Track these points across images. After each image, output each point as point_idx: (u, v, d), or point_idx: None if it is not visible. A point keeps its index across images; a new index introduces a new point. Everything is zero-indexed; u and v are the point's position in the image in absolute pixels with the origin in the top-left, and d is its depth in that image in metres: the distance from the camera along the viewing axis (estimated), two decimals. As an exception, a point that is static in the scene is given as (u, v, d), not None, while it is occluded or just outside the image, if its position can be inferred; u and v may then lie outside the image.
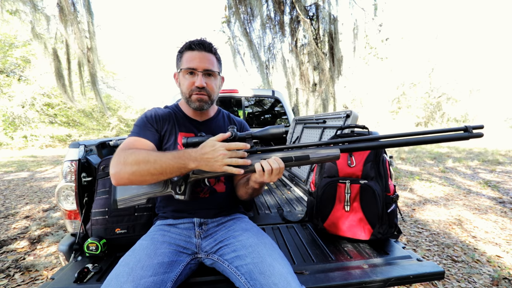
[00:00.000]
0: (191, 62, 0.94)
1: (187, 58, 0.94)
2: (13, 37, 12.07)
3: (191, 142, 0.83)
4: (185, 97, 0.99)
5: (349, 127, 1.42)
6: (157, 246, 0.82)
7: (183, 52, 0.96)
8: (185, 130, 1.03)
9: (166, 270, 0.76)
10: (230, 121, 1.16)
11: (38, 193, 4.21)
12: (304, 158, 0.77)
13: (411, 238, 2.37)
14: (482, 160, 6.36)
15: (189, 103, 0.99)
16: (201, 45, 0.95)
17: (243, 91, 3.23)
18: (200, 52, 0.94)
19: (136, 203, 0.88)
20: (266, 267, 0.74)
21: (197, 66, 0.93)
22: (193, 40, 0.96)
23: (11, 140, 12.11)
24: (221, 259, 0.85)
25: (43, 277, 1.82)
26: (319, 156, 0.77)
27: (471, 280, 1.72)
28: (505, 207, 3.08)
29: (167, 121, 1.01)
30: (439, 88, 20.41)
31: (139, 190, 0.88)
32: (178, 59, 0.99)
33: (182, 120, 1.04)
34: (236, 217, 1.05)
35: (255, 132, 0.82)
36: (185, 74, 0.95)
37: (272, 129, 0.80)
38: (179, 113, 1.06)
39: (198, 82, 0.94)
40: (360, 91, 18.89)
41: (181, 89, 0.99)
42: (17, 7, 4.01)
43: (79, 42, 4.17)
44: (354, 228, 1.17)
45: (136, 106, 20.22)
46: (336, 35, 4.82)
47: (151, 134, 0.95)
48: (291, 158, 0.77)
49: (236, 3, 4.73)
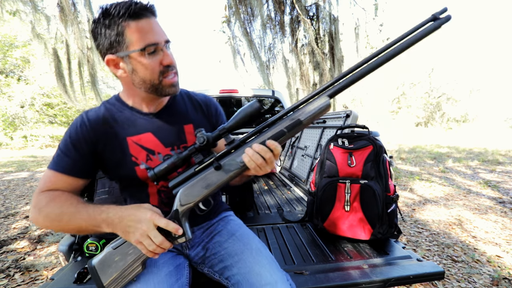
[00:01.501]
0: (148, 36, 0.66)
1: (138, 31, 0.66)
2: (13, 38, 12.08)
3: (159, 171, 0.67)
4: (151, 85, 0.72)
5: (349, 127, 1.42)
6: (155, 260, 0.75)
7: (123, 23, 0.65)
8: (134, 131, 0.77)
9: (178, 277, 0.72)
10: (192, 101, 0.90)
11: (38, 193, 4.21)
12: (296, 124, 0.64)
13: (411, 238, 2.37)
14: (482, 160, 6.36)
15: (160, 91, 0.73)
16: (150, 10, 0.68)
17: (243, 91, 3.23)
18: (150, 19, 0.68)
19: (133, 276, 0.68)
20: (254, 277, 0.70)
21: (158, 40, 0.68)
22: (131, 4, 0.65)
23: (10, 140, 12.11)
24: (212, 271, 0.82)
25: (43, 277, 1.82)
26: (311, 113, 0.65)
27: (471, 280, 1.72)
28: (505, 207, 3.08)
29: (103, 128, 0.75)
30: (439, 88, 20.40)
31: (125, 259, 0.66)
32: (113, 35, 0.66)
33: (128, 119, 0.77)
34: (222, 217, 0.95)
35: (227, 125, 0.66)
36: (146, 54, 0.67)
37: (245, 109, 0.65)
38: (122, 109, 0.79)
39: (168, 59, 0.70)
40: (360, 91, 18.89)
41: (142, 76, 0.70)
42: (17, 7, 4.01)
43: (79, 42, 4.17)
44: (354, 228, 1.17)
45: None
46: (336, 35, 4.82)
47: (74, 165, 0.72)
48: (283, 132, 0.64)
49: (236, 3, 4.73)
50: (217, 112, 0.94)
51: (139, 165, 0.76)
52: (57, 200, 0.68)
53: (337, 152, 1.26)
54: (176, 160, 0.68)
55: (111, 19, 0.66)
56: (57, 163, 0.73)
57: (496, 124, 18.99)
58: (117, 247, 0.68)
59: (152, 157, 0.78)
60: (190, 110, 0.87)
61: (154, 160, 0.78)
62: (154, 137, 0.79)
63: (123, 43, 0.67)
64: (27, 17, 4.13)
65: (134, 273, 0.68)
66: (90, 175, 0.78)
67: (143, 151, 0.77)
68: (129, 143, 0.76)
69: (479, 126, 18.64)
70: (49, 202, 0.67)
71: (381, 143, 1.23)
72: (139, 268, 0.67)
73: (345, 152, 1.24)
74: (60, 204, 0.67)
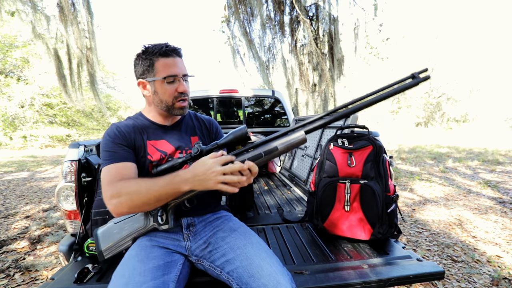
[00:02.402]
0: (171, 69, 0.91)
1: (164, 65, 0.91)
2: (13, 38, 12.08)
3: (161, 170, 0.83)
4: (165, 105, 0.95)
5: (349, 127, 1.42)
6: (148, 251, 0.81)
7: (154, 58, 0.91)
8: (154, 137, 0.99)
9: (165, 272, 0.75)
10: (198, 120, 1.13)
11: (38, 193, 4.21)
12: (272, 150, 0.77)
13: (411, 238, 2.37)
14: (482, 160, 6.36)
15: (171, 111, 0.96)
16: (176, 52, 0.94)
17: (243, 91, 3.23)
18: (175, 58, 0.93)
19: (124, 247, 0.86)
20: (255, 269, 0.73)
21: (177, 73, 0.92)
22: (164, 46, 0.92)
23: (10, 141, 12.11)
24: (213, 265, 0.84)
25: (43, 277, 1.82)
26: (286, 144, 0.77)
27: (471, 280, 1.72)
28: (505, 207, 3.08)
29: (133, 132, 0.96)
30: (439, 88, 20.39)
31: (121, 233, 0.86)
32: (147, 66, 0.92)
33: (149, 128, 1.00)
34: (222, 215, 1.04)
35: (220, 142, 0.83)
36: (165, 83, 0.92)
37: (235, 132, 0.81)
38: (145, 121, 1.01)
39: (182, 87, 0.93)
40: (360, 91, 18.91)
41: (161, 97, 0.93)
42: (17, 7, 4.01)
43: (78, 41, 4.17)
44: (354, 228, 1.17)
45: (136, 106, 20.24)
46: (336, 35, 4.82)
47: (127, 154, 0.90)
48: (261, 155, 0.77)
49: (235, 3, 4.73)
50: (217, 131, 1.15)
51: (152, 162, 0.94)
52: (131, 181, 0.80)
53: (337, 152, 1.26)
54: (175, 163, 0.84)
55: (147, 54, 0.92)
56: (113, 158, 0.87)
57: (496, 124, 19.00)
58: (117, 222, 0.87)
59: (164, 157, 0.97)
60: (197, 126, 1.10)
61: (165, 159, 0.97)
62: (168, 142, 0.99)
63: (152, 72, 0.92)
64: (27, 17, 4.13)
65: (125, 246, 0.86)
66: (133, 160, 0.92)
67: (157, 152, 0.96)
68: (148, 146, 0.96)
69: (479, 126, 18.65)
70: (123, 184, 0.78)
71: (381, 143, 1.23)
72: (129, 242, 0.86)
73: (345, 152, 1.24)
74: (135, 182, 0.79)
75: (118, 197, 0.76)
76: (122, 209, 0.77)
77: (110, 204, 0.78)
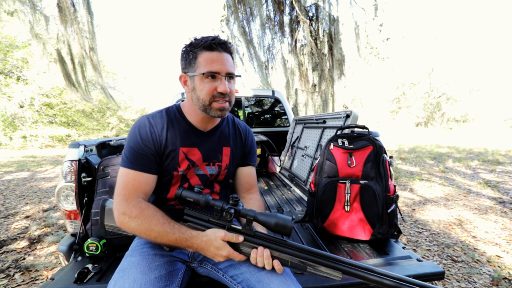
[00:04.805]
0: (213, 65, 0.80)
1: (207, 59, 0.81)
2: (13, 38, 12.07)
3: (184, 196, 0.78)
4: (202, 104, 0.84)
5: (349, 127, 1.43)
6: (150, 260, 0.77)
7: (198, 52, 0.82)
8: (188, 144, 0.90)
9: (167, 283, 0.72)
10: (235, 128, 1.03)
11: (38, 193, 4.21)
12: (299, 267, 0.69)
13: (411, 238, 2.37)
14: (482, 160, 6.36)
15: (208, 111, 0.85)
16: (223, 45, 0.83)
17: (243, 91, 3.23)
18: (220, 53, 0.82)
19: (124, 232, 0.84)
20: (264, 274, 0.71)
21: (220, 70, 0.81)
22: (211, 38, 0.82)
23: (10, 141, 12.10)
24: (216, 268, 0.82)
25: (43, 277, 1.82)
26: (316, 273, 0.69)
27: (471, 280, 1.72)
28: (505, 207, 3.08)
29: (166, 135, 0.87)
30: (439, 88, 20.40)
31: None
32: (189, 59, 0.84)
33: (184, 131, 0.90)
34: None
35: (258, 215, 0.72)
36: (205, 79, 0.81)
37: (278, 219, 0.69)
38: (181, 121, 0.91)
39: (223, 87, 0.81)
40: (360, 91, 18.89)
41: (198, 95, 0.83)
42: (16, 7, 4.00)
43: (80, 41, 4.17)
44: (354, 228, 1.17)
45: (136, 106, 20.24)
46: (336, 36, 4.82)
47: (151, 163, 0.84)
48: (287, 263, 0.69)
49: (235, 3, 4.72)
50: (251, 146, 1.07)
51: (178, 171, 0.89)
52: (146, 213, 0.75)
53: (337, 152, 1.26)
54: (202, 200, 0.76)
55: (192, 47, 0.83)
56: (136, 164, 0.82)
57: (496, 124, 19.01)
58: None
59: (192, 167, 0.91)
60: (232, 135, 1.01)
61: (191, 170, 0.92)
62: (199, 151, 0.92)
63: (194, 66, 0.83)
64: (26, 17, 4.12)
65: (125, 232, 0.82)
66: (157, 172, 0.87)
67: (186, 161, 0.90)
68: (179, 153, 0.89)
69: (479, 126, 18.66)
70: (138, 215, 0.74)
71: (381, 143, 1.23)
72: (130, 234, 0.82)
73: (345, 152, 1.24)
74: (149, 220, 0.74)
75: (129, 218, 0.75)
76: (127, 229, 0.76)
77: (118, 217, 0.77)
